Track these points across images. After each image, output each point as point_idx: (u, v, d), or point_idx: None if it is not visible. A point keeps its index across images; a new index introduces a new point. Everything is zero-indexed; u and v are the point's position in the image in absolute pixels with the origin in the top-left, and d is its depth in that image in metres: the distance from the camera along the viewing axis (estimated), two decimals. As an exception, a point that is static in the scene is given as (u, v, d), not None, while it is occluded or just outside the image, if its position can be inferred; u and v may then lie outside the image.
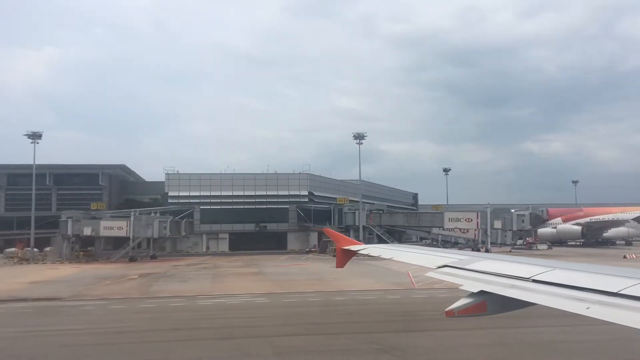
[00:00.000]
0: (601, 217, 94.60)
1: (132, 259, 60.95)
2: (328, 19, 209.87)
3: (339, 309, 24.70)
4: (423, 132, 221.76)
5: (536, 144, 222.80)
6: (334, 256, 65.15)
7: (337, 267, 12.03)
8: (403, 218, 71.63)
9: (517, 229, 66.54)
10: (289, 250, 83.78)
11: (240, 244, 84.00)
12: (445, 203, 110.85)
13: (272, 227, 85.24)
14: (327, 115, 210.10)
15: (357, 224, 69.02)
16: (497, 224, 65.98)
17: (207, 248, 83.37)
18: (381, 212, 75.19)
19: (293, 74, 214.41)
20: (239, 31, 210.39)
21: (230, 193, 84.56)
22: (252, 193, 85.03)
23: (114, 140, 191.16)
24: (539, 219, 73.25)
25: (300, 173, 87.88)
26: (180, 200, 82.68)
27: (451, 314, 5.67)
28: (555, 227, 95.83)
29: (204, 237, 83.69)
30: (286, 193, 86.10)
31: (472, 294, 5.75)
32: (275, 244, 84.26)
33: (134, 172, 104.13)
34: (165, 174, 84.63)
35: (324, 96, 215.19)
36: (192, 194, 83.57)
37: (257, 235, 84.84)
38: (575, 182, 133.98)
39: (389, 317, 22.24)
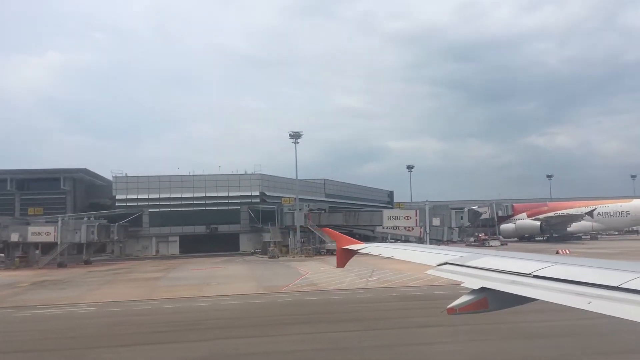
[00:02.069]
0: (559, 213, 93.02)
1: (61, 265, 60.25)
2: (327, 18, 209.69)
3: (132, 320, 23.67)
4: (426, 128, 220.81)
5: (541, 138, 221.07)
6: (270, 257, 65.67)
7: (337, 266, 11.89)
8: (342, 217, 70.53)
9: (456, 226, 65.31)
10: (242, 251, 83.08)
11: (191, 247, 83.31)
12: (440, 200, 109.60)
13: (223, 228, 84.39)
14: (329, 114, 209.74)
15: (295, 224, 68.08)
16: (435, 221, 65.00)
17: (157, 251, 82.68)
18: (323, 211, 74.06)
19: (294, 74, 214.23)
20: (239, 32, 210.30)
21: (179, 195, 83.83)
22: (203, 194, 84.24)
23: (116, 143, 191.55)
24: (477, 216, 71.85)
25: (252, 173, 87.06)
26: (128, 204, 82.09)
27: (453, 311, 5.63)
28: (515, 223, 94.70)
29: (154, 240, 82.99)
30: (237, 194, 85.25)
31: (473, 291, 5.78)
32: (227, 245, 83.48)
33: (100, 176, 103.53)
34: (113, 177, 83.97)
35: (326, 95, 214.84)
36: (140, 196, 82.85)
37: (209, 237, 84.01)
38: (549, 176, 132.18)
39: (174, 326, 21.35)
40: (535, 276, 5.51)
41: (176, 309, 26.17)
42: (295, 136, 68.45)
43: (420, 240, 68.70)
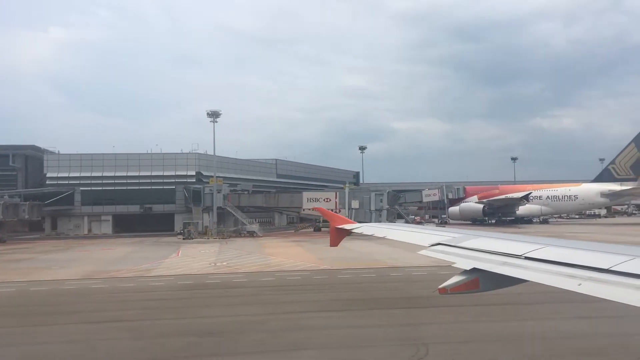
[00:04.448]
0: (502, 197, 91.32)
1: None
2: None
3: None
4: (431, 109, 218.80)
5: (546, 120, 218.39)
6: (184, 238, 64.66)
7: (330, 245, 11.92)
8: (262, 198, 68.94)
9: (376, 209, 63.73)
10: (176, 231, 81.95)
11: (125, 226, 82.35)
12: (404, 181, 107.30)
13: (158, 208, 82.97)
14: (334, 93, 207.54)
15: (213, 204, 66.65)
16: (355, 204, 63.59)
17: (89, 230, 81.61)
18: (246, 192, 72.46)
19: (299, 53, 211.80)
20: (244, 11, 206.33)
21: (113, 174, 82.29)
22: (137, 173, 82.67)
23: (123, 121, 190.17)
24: (396, 198, 70.15)
25: (188, 152, 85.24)
26: (59, 182, 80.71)
27: (444, 291, 5.68)
28: (459, 206, 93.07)
29: (86, 219, 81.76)
30: (173, 173, 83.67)
31: (465, 272, 5.80)
32: (162, 225, 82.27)
33: (54, 153, 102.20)
34: (44, 155, 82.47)
35: (330, 75, 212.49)
36: (72, 174, 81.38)
37: (143, 217, 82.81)
38: (514, 158, 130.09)
39: None
40: (527, 258, 5.55)
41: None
42: (214, 115, 66.44)
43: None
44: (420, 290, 23.03)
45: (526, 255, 5.60)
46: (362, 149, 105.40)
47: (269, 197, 68.72)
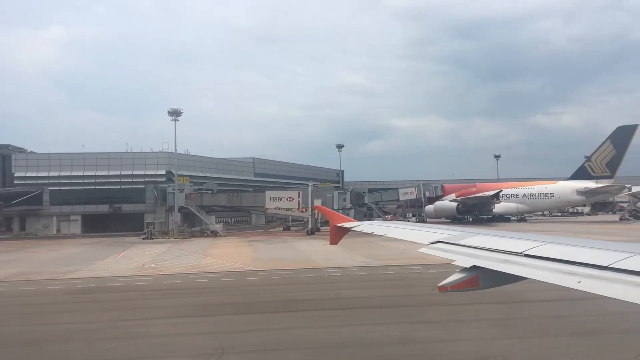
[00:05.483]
0: (476, 195, 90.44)
1: None
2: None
3: None
4: (432, 106, 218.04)
5: (546, 117, 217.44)
6: (144, 238, 64.09)
7: (330, 243, 12.16)
8: (226, 198, 68.24)
9: (339, 208, 62.96)
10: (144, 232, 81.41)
11: (95, 226, 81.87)
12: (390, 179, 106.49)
13: (128, 207, 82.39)
14: (335, 91, 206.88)
15: (175, 204, 66.03)
16: (317, 203, 62.53)
17: (58, 230, 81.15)
18: (210, 191, 71.82)
19: (298, 51, 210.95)
20: (243, 8, 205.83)
21: (82, 173, 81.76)
22: (106, 173, 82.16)
23: (122, 119, 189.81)
24: (360, 197, 69.34)
25: (158, 152, 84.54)
26: (28, 182, 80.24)
27: (444, 289, 5.70)
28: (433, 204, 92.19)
29: (55, 219, 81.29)
30: (142, 172, 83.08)
31: (464, 269, 5.79)
32: (132, 225, 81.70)
33: (23, 152, 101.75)
34: (12, 154, 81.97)
35: (331, 72, 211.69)
36: (40, 174, 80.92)
37: (112, 217, 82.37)
38: (497, 156, 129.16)
39: None
40: (526, 255, 5.53)
41: None
42: (175, 113, 65.77)
43: (316, 222, 66.76)
44: (306, 293, 22.39)
45: (526, 252, 5.57)
46: (339, 147, 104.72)
47: (232, 197, 68.03)
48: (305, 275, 28.23)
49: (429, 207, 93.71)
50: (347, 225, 11.47)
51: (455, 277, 5.67)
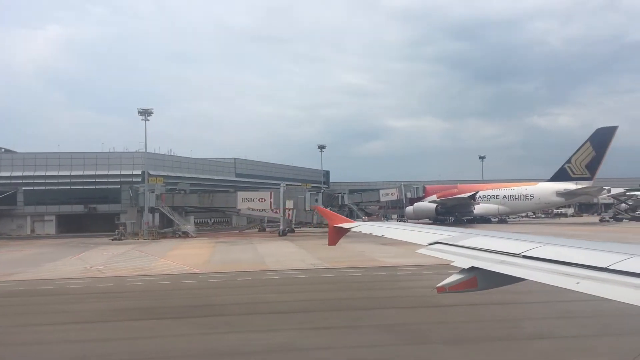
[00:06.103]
0: (455, 197, 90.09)
1: None
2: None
3: None
4: (428, 107, 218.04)
5: (543, 118, 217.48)
6: (113, 239, 63.41)
7: (329, 244, 12.03)
8: (197, 198, 67.63)
9: (309, 209, 62.46)
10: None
11: (69, 226, 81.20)
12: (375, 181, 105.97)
13: (103, 208, 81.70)
14: (331, 91, 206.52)
15: (144, 204, 65.39)
16: (289, 204, 62.35)
17: (32, 230, 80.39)
18: (183, 192, 71.21)
19: (295, 51, 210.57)
20: (239, 8, 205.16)
21: (56, 173, 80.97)
22: (81, 173, 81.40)
23: (120, 119, 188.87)
24: (332, 198, 68.86)
25: (134, 152, 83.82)
26: (1, 182, 79.36)
27: (442, 290, 5.66)
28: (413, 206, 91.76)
29: (29, 219, 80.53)
30: (118, 172, 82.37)
31: (463, 270, 5.76)
32: (108, 225, 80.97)
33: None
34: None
35: (327, 73, 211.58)
36: (15, 174, 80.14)
37: (88, 217, 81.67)
38: (482, 157, 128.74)
39: None
40: (524, 256, 5.52)
41: None
42: (145, 113, 65.11)
43: (290, 223, 66.20)
44: (222, 298, 21.85)
45: (524, 253, 5.56)
46: (321, 148, 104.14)
47: (204, 197, 67.39)
48: (242, 278, 27.68)
49: (409, 209, 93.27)
50: (345, 225, 11.44)
51: (453, 278, 5.63)
